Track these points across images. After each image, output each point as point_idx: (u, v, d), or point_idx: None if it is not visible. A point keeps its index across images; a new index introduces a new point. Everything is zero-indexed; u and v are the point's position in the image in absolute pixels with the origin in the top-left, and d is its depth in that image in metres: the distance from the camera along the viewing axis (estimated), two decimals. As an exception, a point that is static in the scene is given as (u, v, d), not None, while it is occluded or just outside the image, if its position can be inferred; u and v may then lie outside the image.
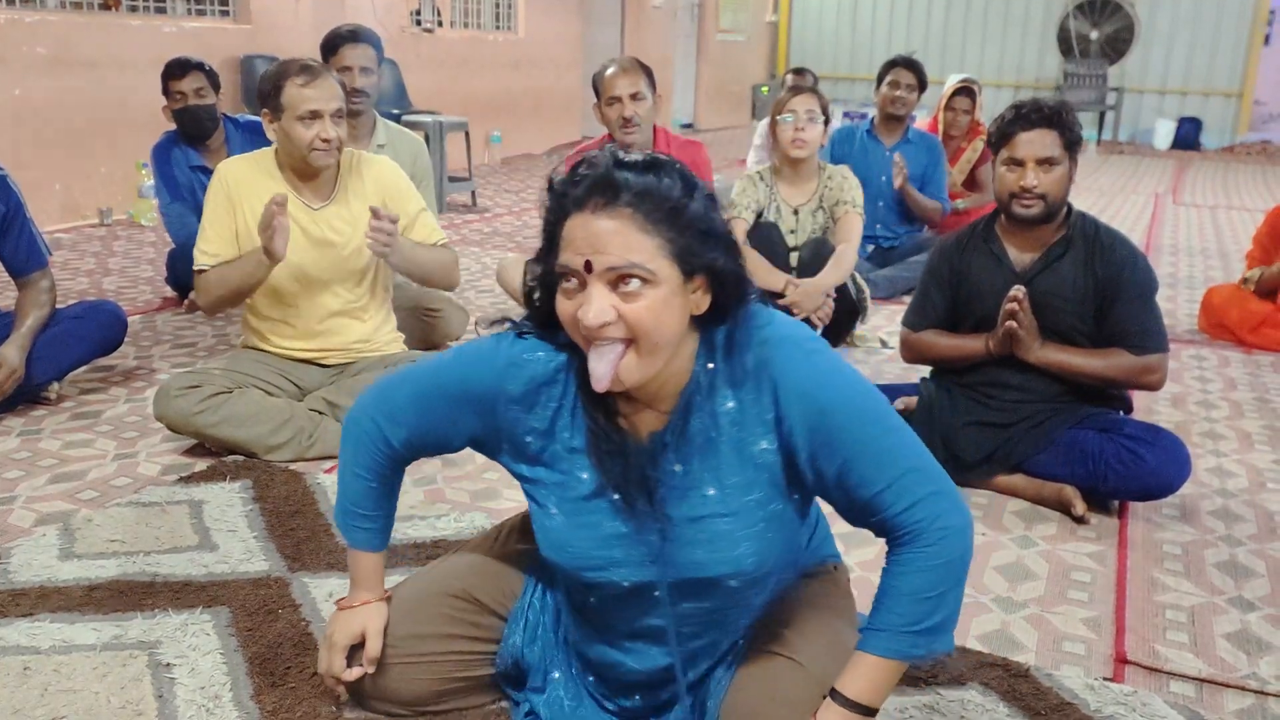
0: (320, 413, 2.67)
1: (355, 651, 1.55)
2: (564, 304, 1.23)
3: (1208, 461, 2.82)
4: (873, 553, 2.23)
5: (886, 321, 4.07)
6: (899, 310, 3.18)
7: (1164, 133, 12.57)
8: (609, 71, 3.46)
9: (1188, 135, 12.54)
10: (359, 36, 3.42)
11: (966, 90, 5.11)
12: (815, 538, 1.59)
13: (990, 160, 2.51)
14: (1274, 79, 12.69)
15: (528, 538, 1.63)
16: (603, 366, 1.21)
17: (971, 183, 5.18)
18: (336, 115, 2.56)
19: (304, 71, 2.55)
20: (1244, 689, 1.78)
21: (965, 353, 2.55)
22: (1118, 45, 13.01)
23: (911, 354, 2.68)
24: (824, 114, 3.46)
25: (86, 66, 5.78)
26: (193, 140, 3.92)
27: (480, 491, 2.50)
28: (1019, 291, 2.40)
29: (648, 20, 11.78)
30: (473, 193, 7.08)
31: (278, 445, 2.60)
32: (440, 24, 8.84)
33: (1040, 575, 2.17)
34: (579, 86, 10.53)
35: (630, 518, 1.33)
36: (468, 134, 6.93)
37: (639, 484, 1.31)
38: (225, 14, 6.81)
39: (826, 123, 3.48)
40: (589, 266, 1.19)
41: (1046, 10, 13.31)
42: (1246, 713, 1.73)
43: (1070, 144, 2.42)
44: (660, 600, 1.37)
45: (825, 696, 1.30)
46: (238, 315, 3.26)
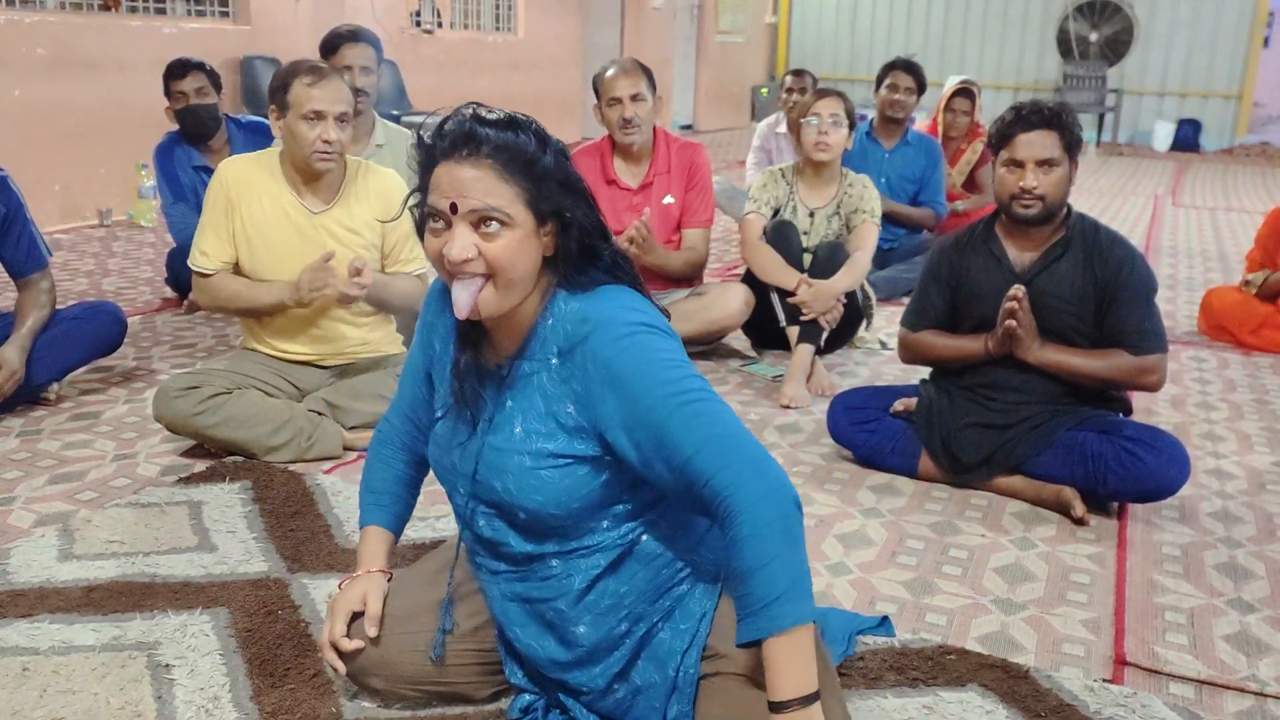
0: (319, 414, 2.67)
1: (355, 638, 1.57)
2: (431, 241, 1.37)
3: (1207, 463, 2.82)
4: (874, 553, 2.24)
5: (886, 323, 4.06)
6: (898, 311, 3.18)
7: (1163, 134, 12.57)
8: (609, 73, 3.46)
9: (1187, 137, 12.55)
10: (358, 36, 3.45)
11: (966, 92, 5.11)
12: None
13: (990, 162, 2.52)
14: (1273, 81, 12.69)
15: None
16: (465, 296, 1.35)
17: (971, 184, 5.18)
18: (341, 119, 2.57)
19: (313, 72, 2.57)
20: (1243, 690, 1.78)
21: (964, 353, 2.55)
22: (1117, 47, 13.01)
23: (910, 355, 2.68)
24: (849, 119, 3.45)
25: (86, 67, 5.78)
26: (195, 140, 3.93)
27: (480, 492, 2.50)
28: (1018, 291, 2.40)
29: (647, 21, 11.78)
30: (472, 193, 7.07)
31: (277, 446, 2.59)
32: (440, 25, 8.85)
33: (1040, 577, 2.17)
34: (578, 87, 10.53)
35: (469, 436, 1.47)
36: (467, 135, 6.92)
37: (471, 401, 1.46)
38: (225, 15, 6.81)
39: (851, 127, 3.47)
40: (454, 208, 1.33)
41: (1046, 12, 13.32)
42: (1246, 714, 1.73)
43: (1070, 145, 2.43)
44: (489, 522, 1.48)
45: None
46: (231, 315, 3.25)
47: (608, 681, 1.49)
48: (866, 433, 2.65)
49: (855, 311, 3.58)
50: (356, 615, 1.58)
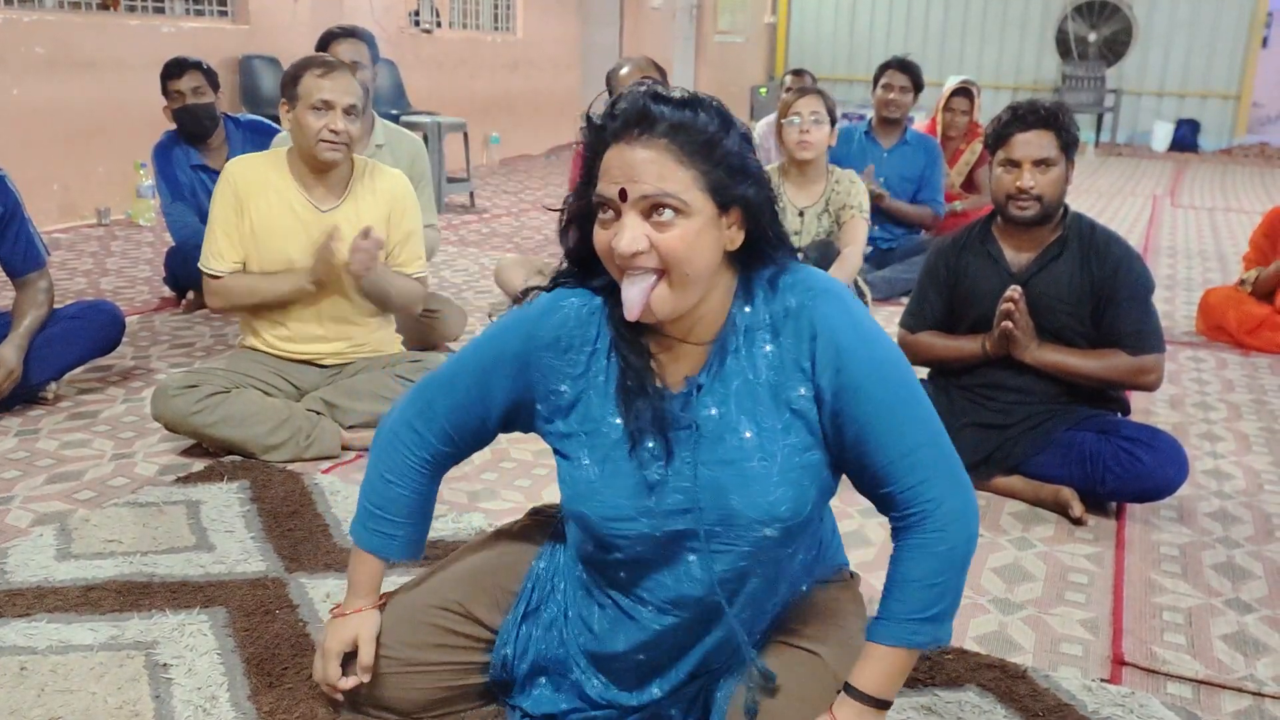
0: (318, 413, 2.67)
1: (350, 659, 1.55)
2: (600, 234, 1.24)
3: (1205, 463, 2.82)
4: (873, 553, 2.24)
5: (884, 323, 4.05)
6: (897, 311, 3.18)
7: (1162, 135, 12.57)
8: (624, 70, 3.47)
9: (1186, 137, 12.55)
10: (351, 33, 3.49)
11: (965, 91, 5.12)
12: (832, 544, 1.58)
13: (988, 162, 2.52)
14: (1272, 81, 12.70)
15: (524, 541, 1.64)
16: (635, 293, 1.21)
17: (970, 184, 5.18)
18: (349, 111, 2.57)
19: (324, 65, 2.60)
20: (1241, 690, 1.78)
21: (962, 354, 2.55)
22: (1116, 47, 13.01)
23: (908, 355, 2.67)
24: (830, 116, 3.46)
25: (84, 67, 5.77)
26: (193, 139, 3.93)
27: (478, 492, 2.50)
28: (1015, 291, 2.40)
29: (646, 21, 11.78)
30: (471, 193, 7.08)
31: (275, 445, 2.59)
32: (439, 25, 8.85)
33: (1038, 577, 2.17)
34: (578, 87, 10.53)
35: (665, 464, 1.31)
36: (466, 135, 6.93)
37: (669, 427, 1.30)
38: (223, 14, 6.80)
39: (833, 124, 3.48)
40: (624, 195, 1.20)
41: (1045, 12, 13.32)
42: (1243, 714, 1.73)
43: (1067, 145, 2.43)
44: (694, 561, 1.34)
45: (840, 691, 1.31)
46: (236, 315, 3.25)
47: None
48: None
49: None
50: (350, 656, 1.53)
